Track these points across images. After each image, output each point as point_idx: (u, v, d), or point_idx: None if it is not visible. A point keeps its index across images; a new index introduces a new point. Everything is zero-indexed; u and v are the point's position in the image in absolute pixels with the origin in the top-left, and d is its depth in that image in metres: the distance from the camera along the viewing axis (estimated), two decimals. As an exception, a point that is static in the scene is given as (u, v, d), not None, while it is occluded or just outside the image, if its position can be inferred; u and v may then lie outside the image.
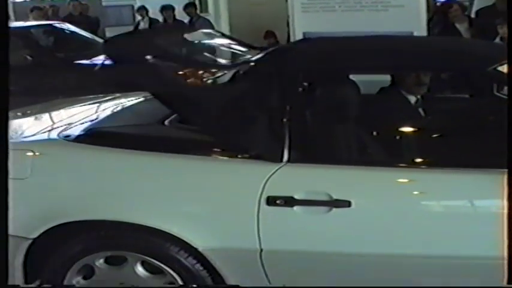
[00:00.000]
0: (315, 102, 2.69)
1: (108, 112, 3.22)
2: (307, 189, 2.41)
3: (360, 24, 5.30)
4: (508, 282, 1.63)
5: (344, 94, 2.76)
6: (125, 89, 3.71)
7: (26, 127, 3.17)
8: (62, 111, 3.43)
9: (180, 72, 2.94)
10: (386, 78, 3.30)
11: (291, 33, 6.13)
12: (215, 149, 2.58)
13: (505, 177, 1.79)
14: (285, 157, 2.46)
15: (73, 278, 2.69)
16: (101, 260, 2.66)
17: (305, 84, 2.67)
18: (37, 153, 2.68)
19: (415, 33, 5.15)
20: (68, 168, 2.70)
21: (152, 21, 11.18)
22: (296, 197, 2.39)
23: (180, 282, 2.58)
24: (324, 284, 2.47)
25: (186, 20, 10.12)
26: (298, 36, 5.98)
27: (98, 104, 3.49)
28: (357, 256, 2.40)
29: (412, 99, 3.26)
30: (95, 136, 2.80)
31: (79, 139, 2.76)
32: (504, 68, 2.47)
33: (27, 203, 2.64)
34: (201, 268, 2.56)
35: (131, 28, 11.03)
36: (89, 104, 3.51)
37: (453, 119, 2.96)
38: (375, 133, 2.79)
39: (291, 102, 2.54)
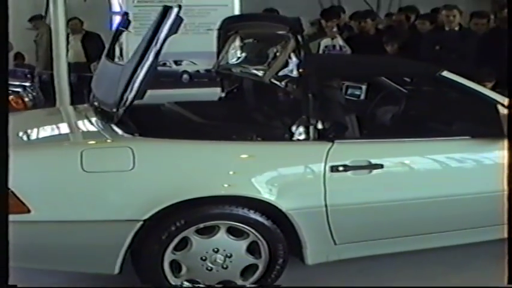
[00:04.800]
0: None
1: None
2: (354, 159, 3.35)
3: (189, 45, 6.14)
4: (508, 282, 1.64)
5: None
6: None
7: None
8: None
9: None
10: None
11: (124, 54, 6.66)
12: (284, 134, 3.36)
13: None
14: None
15: (171, 251, 3.15)
16: (195, 232, 3.17)
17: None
18: (134, 149, 3.09)
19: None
20: (167, 159, 3.19)
21: None
22: (349, 164, 3.31)
23: (263, 241, 3.25)
24: (372, 225, 3.43)
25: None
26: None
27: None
28: (390, 202, 3.42)
29: None
30: (170, 130, 3.32)
31: (156, 133, 3.27)
32: (445, 74, 3.76)
33: (136, 190, 3.09)
34: (276, 227, 3.28)
35: None
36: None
37: None
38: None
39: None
